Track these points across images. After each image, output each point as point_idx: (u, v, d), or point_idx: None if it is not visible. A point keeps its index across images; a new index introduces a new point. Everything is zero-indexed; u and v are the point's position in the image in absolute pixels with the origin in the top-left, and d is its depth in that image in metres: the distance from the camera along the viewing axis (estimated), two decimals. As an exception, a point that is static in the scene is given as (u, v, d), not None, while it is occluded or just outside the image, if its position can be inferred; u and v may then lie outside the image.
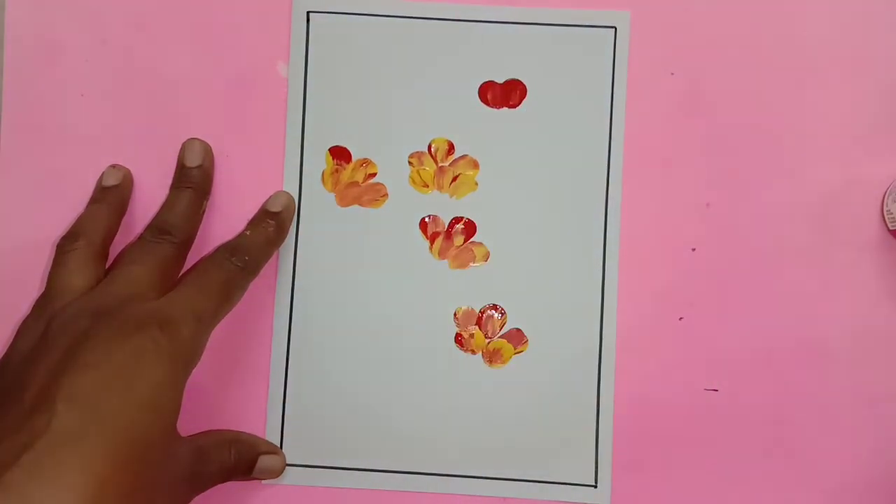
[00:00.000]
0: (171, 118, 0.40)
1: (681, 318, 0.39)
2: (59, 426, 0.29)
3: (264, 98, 0.40)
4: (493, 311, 0.39)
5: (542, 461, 0.39)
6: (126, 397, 0.30)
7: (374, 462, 0.39)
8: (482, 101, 0.40)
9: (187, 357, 0.33)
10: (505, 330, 0.39)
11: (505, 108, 0.40)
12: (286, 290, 0.39)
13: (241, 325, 0.39)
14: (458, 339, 0.39)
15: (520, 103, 0.40)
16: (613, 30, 0.40)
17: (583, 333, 0.39)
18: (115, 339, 0.31)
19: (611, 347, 0.39)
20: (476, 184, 0.40)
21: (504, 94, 0.40)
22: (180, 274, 0.37)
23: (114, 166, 0.39)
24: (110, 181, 0.39)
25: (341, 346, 0.39)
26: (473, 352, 0.39)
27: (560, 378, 0.39)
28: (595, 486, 0.39)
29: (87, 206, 0.39)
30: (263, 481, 0.39)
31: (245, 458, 0.37)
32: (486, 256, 0.40)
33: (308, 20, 0.40)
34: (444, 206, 0.40)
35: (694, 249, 0.39)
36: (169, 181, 0.39)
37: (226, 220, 0.39)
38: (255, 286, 0.38)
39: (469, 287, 0.39)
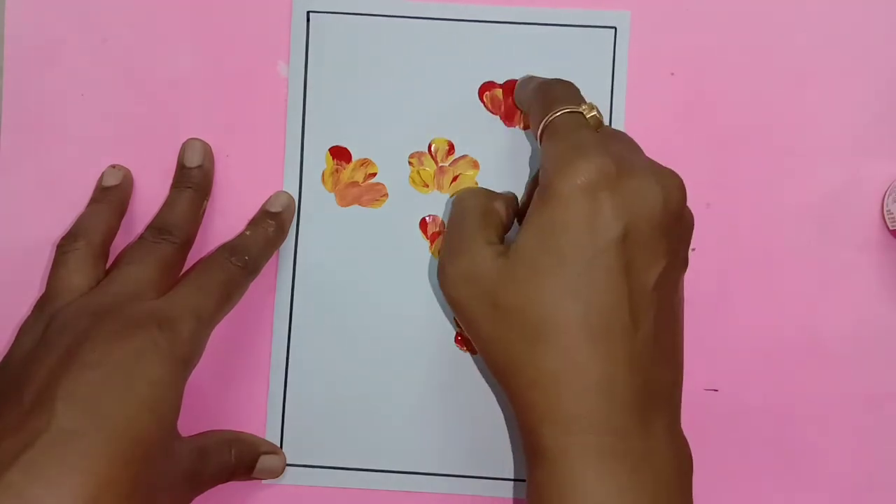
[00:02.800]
0: (171, 118, 0.40)
1: (681, 318, 0.39)
2: (58, 426, 0.29)
3: (264, 98, 0.40)
4: (493, 311, 0.39)
5: (542, 461, 0.39)
6: (125, 397, 0.30)
7: (374, 462, 0.39)
8: (482, 101, 0.40)
9: (187, 357, 0.33)
10: (505, 330, 0.39)
11: (504, 109, 0.40)
12: (286, 290, 0.39)
13: (241, 325, 0.39)
14: (458, 339, 0.39)
15: (520, 103, 0.40)
16: (613, 30, 0.40)
17: (583, 333, 0.39)
18: (115, 338, 0.31)
19: (611, 347, 0.39)
20: (476, 184, 0.40)
21: (504, 94, 0.40)
22: (180, 274, 0.37)
23: (114, 166, 0.39)
24: (110, 181, 0.39)
25: (341, 346, 0.39)
26: (473, 352, 0.39)
27: (560, 378, 0.39)
28: (595, 486, 0.39)
29: (87, 207, 0.39)
30: (263, 481, 0.39)
31: (245, 459, 0.37)
32: (486, 256, 0.40)
33: (308, 20, 0.40)
34: (445, 206, 0.40)
35: (694, 249, 0.39)
36: (169, 181, 0.39)
37: (226, 220, 0.39)
38: (255, 286, 0.38)
39: (469, 287, 0.39)
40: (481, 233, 0.34)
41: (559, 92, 0.35)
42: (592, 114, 0.34)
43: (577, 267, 0.31)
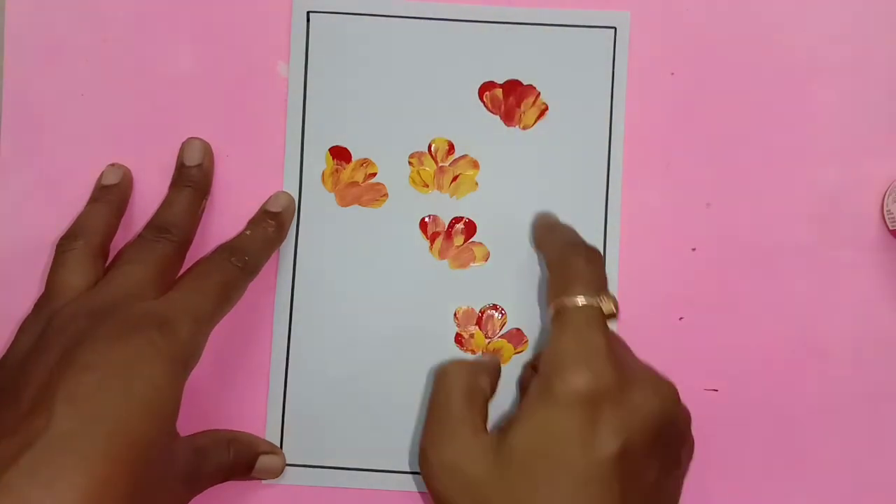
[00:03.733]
0: (171, 118, 0.40)
1: (681, 318, 0.39)
2: (57, 427, 0.28)
3: (264, 98, 0.40)
4: (493, 311, 0.39)
5: (542, 461, 0.39)
6: (124, 398, 0.30)
7: (374, 462, 0.39)
8: (482, 101, 0.40)
9: (185, 358, 0.33)
10: (505, 330, 0.39)
11: (505, 109, 0.40)
12: (286, 290, 0.39)
13: (241, 325, 0.39)
14: (458, 339, 0.39)
15: (520, 104, 0.40)
16: (613, 30, 0.40)
17: (583, 333, 0.39)
18: (113, 340, 0.31)
19: (611, 347, 0.39)
20: (476, 184, 0.40)
21: (504, 94, 0.40)
22: (179, 273, 0.37)
23: (113, 165, 0.39)
24: (110, 180, 0.39)
25: (341, 346, 0.39)
26: (473, 352, 0.39)
27: (560, 378, 0.39)
28: (595, 486, 0.39)
29: (86, 206, 0.39)
30: (263, 481, 0.39)
31: (244, 457, 0.37)
32: (486, 256, 0.40)
33: (308, 20, 0.40)
34: (444, 206, 0.40)
35: (694, 249, 0.40)
36: (169, 181, 0.39)
37: (226, 220, 0.39)
38: (255, 286, 0.38)
39: (469, 287, 0.39)
40: (467, 418, 0.34)
41: (581, 268, 0.34)
42: (610, 310, 0.33)
43: (573, 479, 0.31)
